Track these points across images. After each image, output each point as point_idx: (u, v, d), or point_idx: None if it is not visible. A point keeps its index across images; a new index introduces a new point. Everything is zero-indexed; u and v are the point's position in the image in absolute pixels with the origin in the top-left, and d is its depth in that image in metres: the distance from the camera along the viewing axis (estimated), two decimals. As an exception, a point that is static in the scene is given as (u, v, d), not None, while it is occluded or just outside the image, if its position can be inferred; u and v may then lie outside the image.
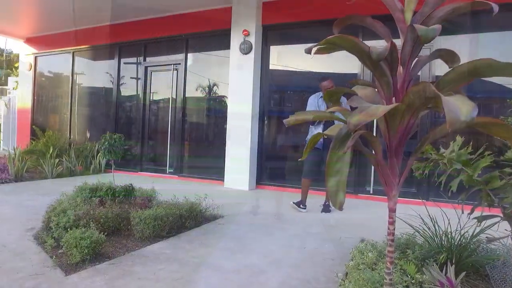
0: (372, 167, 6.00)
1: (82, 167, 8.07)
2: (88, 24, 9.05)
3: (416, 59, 1.45)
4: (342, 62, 6.42)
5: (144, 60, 8.51)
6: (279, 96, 7.25)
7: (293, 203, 4.94)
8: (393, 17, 1.47)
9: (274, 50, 7.01)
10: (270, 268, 2.80)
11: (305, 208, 4.93)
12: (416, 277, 2.22)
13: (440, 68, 5.48)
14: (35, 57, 10.54)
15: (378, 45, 1.41)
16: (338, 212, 4.89)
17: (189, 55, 7.90)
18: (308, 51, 1.33)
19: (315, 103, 5.05)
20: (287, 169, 6.97)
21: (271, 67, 6.96)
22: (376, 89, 1.48)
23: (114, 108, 8.91)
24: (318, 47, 1.28)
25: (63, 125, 9.93)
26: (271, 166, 7.05)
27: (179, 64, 7.94)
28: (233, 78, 6.85)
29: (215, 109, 7.88)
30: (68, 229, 2.95)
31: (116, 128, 8.75)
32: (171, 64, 8.07)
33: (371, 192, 6.01)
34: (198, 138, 8.05)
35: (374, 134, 5.79)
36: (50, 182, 6.86)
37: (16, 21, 9.34)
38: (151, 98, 8.53)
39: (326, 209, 4.95)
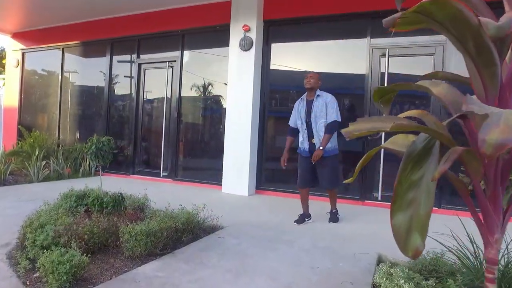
0: (381, 171, 5.60)
1: (71, 170, 7.61)
2: (79, 19, 8.60)
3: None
4: (348, 62, 6.06)
5: (138, 57, 8.06)
6: (281, 96, 6.85)
7: (295, 222, 4.36)
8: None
9: (276, 47, 6.61)
10: (281, 295, 2.41)
11: (310, 218, 4.53)
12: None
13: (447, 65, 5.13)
14: (23, 53, 10.03)
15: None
16: (347, 222, 4.53)
17: (185, 52, 7.47)
18: (389, 24, 0.93)
19: (296, 107, 4.56)
20: (288, 173, 6.58)
21: (273, 65, 6.57)
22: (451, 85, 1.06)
23: (105, 107, 8.45)
24: (402, 17, 0.88)
25: (51, 125, 9.43)
26: (272, 170, 6.66)
27: (175, 61, 7.51)
28: (232, 76, 6.44)
29: (213, 109, 7.47)
30: (46, 248, 2.54)
31: (107, 128, 8.31)
32: (166, 61, 7.64)
33: (379, 198, 5.62)
34: (194, 139, 7.63)
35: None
36: (35, 186, 6.41)
37: (2, 15, 8.84)
38: (144, 97, 8.09)
39: (333, 217, 4.55)
